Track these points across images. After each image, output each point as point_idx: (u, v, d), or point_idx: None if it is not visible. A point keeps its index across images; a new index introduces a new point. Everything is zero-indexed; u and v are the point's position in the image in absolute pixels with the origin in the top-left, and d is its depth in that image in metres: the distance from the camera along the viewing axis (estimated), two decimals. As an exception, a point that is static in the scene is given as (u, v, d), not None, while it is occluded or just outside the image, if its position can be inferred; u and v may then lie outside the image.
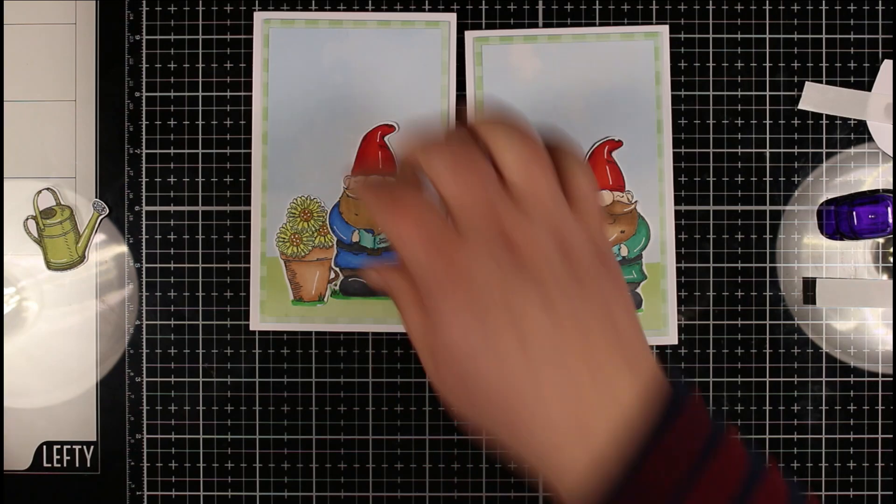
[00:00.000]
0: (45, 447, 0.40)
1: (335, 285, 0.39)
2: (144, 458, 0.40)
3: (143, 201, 0.40)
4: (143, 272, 0.40)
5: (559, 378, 0.25)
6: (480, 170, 0.26)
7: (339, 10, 0.40)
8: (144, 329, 0.40)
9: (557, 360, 0.25)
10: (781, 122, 0.40)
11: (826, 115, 0.40)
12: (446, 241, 0.25)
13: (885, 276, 0.40)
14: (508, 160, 0.26)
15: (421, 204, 0.26)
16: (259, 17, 0.40)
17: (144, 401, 0.40)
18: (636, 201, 0.40)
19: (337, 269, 0.40)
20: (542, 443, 0.25)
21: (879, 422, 0.40)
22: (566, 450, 0.25)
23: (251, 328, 0.40)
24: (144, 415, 0.40)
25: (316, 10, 0.40)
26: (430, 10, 0.40)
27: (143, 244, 0.40)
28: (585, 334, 0.26)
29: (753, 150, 0.40)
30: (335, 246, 0.39)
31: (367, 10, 0.40)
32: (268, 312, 0.40)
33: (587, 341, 0.26)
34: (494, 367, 0.25)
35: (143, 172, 0.40)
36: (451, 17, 0.40)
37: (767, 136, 0.40)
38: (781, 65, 0.40)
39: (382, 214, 0.26)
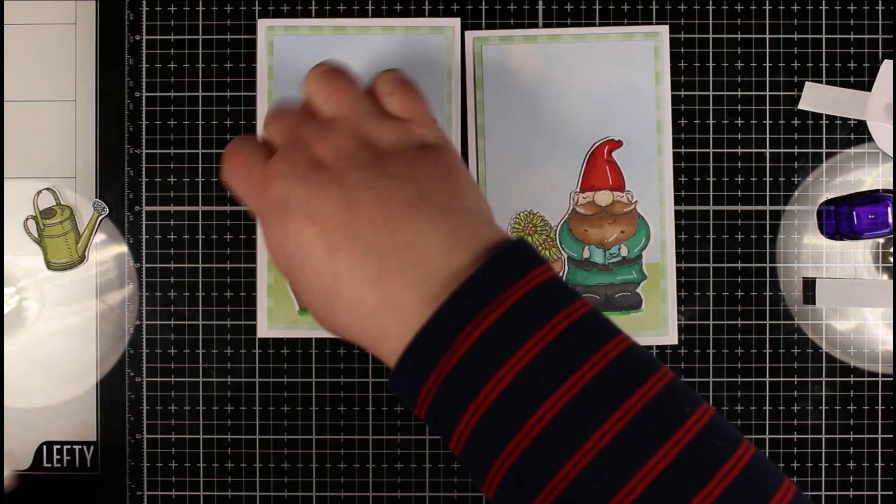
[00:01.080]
0: (45, 447, 0.40)
1: None
2: (144, 458, 0.40)
3: (144, 201, 0.40)
4: (143, 272, 0.40)
5: (359, 257, 0.25)
6: (290, 108, 0.29)
7: (342, 17, 0.40)
8: (144, 329, 0.40)
9: (352, 240, 0.25)
10: (781, 122, 0.40)
11: (826, 115, 0.40)
12: (259, 173, 0.28)
13: (885, 276, 0.40)
14: (311, 91, 0.30)
15: (244, 151, 0.29)
16: (263, 24, 0.40)
17: (144, 401, 0.40)
18: (636, 201, 0.40)
19: None
20: (360, 323, 0.26)
21: (879, 422, 0.40)
22: (379, 325, 0.25)
23: (259, 335, 0.40)
24: (144, 415, 0.40)
25: (319, 17, 0.40)
26: (431, 11, 0.40)
27: (144, 244, 0.40)
28: (386, 211, 0.25)
29: (753, 150, 0.40)
30: None
31: (368, 17, 0.40)
32: (275, 320, 0.40)
33: (388, 220, 0.25)
34: (306, 268, 0.26)
35: (143, 172, 0.40)
36: (455, 22, 0.40)
37: (767, 136, 0.40)
38: (781, 65, 0.40)
39: (222, 169, 0.30)
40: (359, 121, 0.28)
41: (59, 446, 0.40)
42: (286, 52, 0.40)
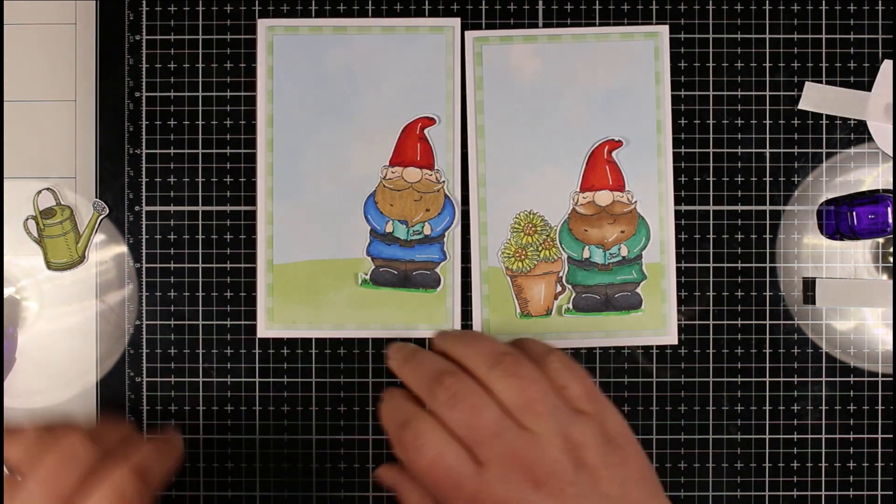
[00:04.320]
0: (45, 447, 0.40)
1: (367, 274, 0.39)
2: (144, 458, 0.40)
3: (143, 201, 0.40)
4: (143, 272, 0.40)
5: None
6: (477, 402, 0.29)
7: (341, 17, 0.40)
8: (144, 329, 0.40)
9: None
10: (781, 122, 0.40)
11: (826, 115, 0.40)
12: (463, 474, 0.28)
13: (885, 276, 0.40)
14: (500, 388, 0.30)
15: (437, 444, 0.29)
16: (263, 24, 0.40)
17: (144, 401, 0.40)
18: (636, 201, 0.40)
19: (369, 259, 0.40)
20: None
21: (879, 422, 0.40)
22: None
23: (259, 335, 0.40)
24: (144, 415, 0.40)
25: (319, 17, 0.40)
26: (431, 10, 0.40)
27: (143, 244, 0.40)
28: None
29: (753, 150, 0.40)
30: (368, 235, 0.40)
31: (368, 17, 0.40)
32: (275, 320, 0.40)
33: None
34: None
35: (143, 172, 0.40)
36: (455, 22, 0.40)
37: (767, 136, 0.40)
38: (781, 65, 0.40)
39: (405, 455, 0.30)
40: (565, 432, 0.29)
41: (59, 446, 0.40)
42: (286, 52, 0.40)
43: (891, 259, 0.40)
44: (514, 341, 0.34)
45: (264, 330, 0.40)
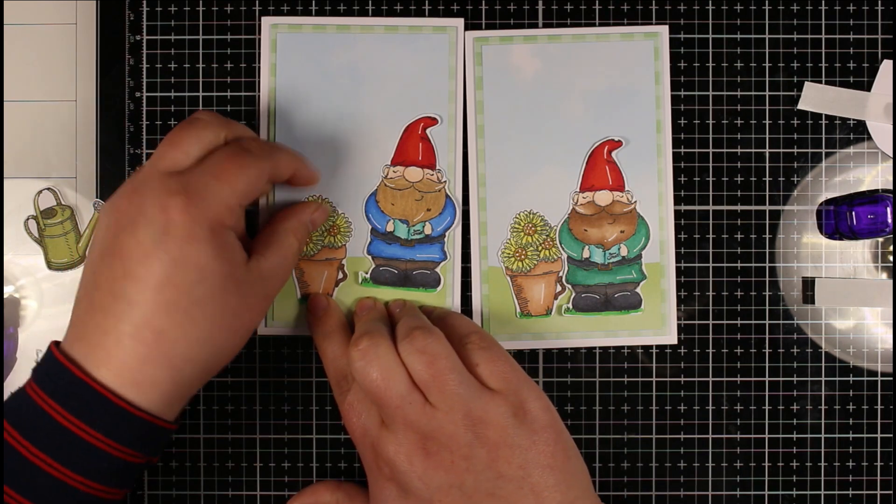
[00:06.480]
0: (45, 447, 0.40)
1: (367, 273, 0.39)
2: (145, 457, 0.40)
3: (144, 201, 0.40)
4: (144, 272, 0.40)
5: None
6: (387, 374, 0.31)
7: (342, 16, 0.40)
8: (145, 329, 0.40)
9: None
10: (781, 122, 0.40)
11: (826, 115, 0.40)
12: (373, 441, 0.32)
13: (884, 276, 0.40)
14: (409, 362, 0.31)
15: (360, 401, 0.33)
16: (266, 21, 0.40)
17: (145, 400, 0.40)
18: (636, 201, 0.40)
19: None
20: None
21: (879, 421, 0.40)
22: None
23: (259, 334, 0.40)
24: (145, 414, 0.40)
25: (320, 16, 0.40)
26: (431, 11, 0.40)
27: (144, 244, 0.40)
28: None
29: (753, 150, 0.40)
30: (369, 234, 0.40)
31: (369, 16, 0.40)
32: (275, 318, 0.40)
33: None
34: None
35: (144, 172, 0.40)
36: (459, 23, 0.40)
37: (767, 136, 0.40)
38: (781, 65, 0.40)
39: (340, 409, 0.34)
40: (467, 409, 0.30)
41: (59, 446, 0.40)
42: (289, 49, 0.40)
43: (890, 259, 0.40)
44: (444, 316, 0.36)
45: (264, 328, 0.40)
